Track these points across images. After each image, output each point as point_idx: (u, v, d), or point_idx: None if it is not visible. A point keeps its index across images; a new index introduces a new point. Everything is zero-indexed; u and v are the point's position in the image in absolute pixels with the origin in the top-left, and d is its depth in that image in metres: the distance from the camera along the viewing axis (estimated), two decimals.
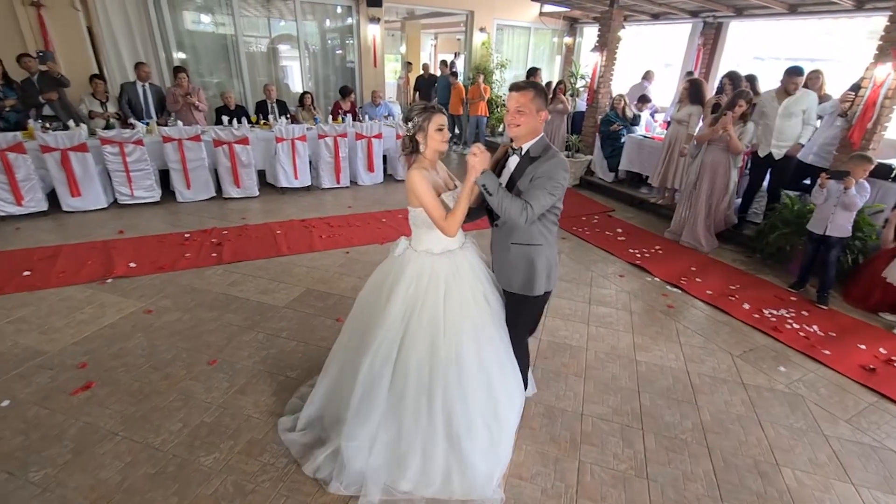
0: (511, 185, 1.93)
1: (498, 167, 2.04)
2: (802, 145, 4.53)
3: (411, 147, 1.92)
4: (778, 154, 4.56)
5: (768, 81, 5.32)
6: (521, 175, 1.90)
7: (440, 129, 1.88)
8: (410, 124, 1.88)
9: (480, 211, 2.09)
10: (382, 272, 2.09)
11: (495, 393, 1.97)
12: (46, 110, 5.49)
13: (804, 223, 3.94)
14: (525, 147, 1.93)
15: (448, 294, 1.92)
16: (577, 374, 2.86)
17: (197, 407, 2.43)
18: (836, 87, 5.12)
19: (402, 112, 10.34)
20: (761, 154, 4.66)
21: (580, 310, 3.60)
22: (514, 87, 1.86)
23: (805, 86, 4.56)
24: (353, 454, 1.91)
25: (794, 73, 4.31)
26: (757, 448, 2.36)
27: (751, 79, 5.25)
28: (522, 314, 2.15)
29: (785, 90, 4.39)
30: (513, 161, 1.97)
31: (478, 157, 1.77)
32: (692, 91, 5.35)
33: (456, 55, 11.98)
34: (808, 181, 4.81)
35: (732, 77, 5.15)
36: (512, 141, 1.98)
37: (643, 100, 7.18)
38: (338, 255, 4.36)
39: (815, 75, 4.78)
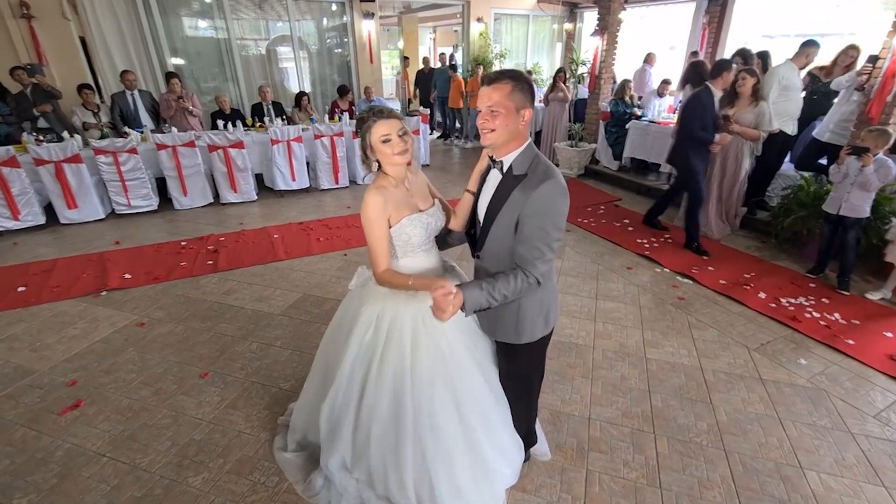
0: (493, 210, 1.50)
1: (481, 180, 1.63)
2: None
3: (365, 160, 1.58)
4: (790, 129, 4.42)
5: (780, 59, 5.08)
6: (504, 202, 1.45)
7: (385, 141, 1.50)
8: (359, 136, 1.56)
9: (460, 237, 1.77)
10: (346, 303, 1.84)
11: (484, 454, 1.70)
12: (41, 123, 5.46)
13: (821, 205, 3.73)
14: (507, 161, 1.47)
15: (416, 347, 1.58)
16: (584, 375, 2.72)
17: (187, 423, 2.34)
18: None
19: (402, 108, 10.24)
20: (790, 132, 4.48)
21: (586, 306, 3.45)
22: (486, 80, 1.40)
23: (834, 62, 4.56)
24: (344, 483, 1.79)
25: (810, 45, 4.27)
26: (778, 450, 2.20)
27: (763, 56, 4.98)
28: (514, 365, 1.74)
29: (802, 64, 4.31)
30: (494, 177, 1.53)
31: (448, 309, 1.30)
32: (694, 73, 5.13)
33: (455, 48, 11.78)
34: (824, 161, 4.58)
35: (744, 55, 4.89)
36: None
37: (665, 83, 6.84)
38: (336, 257, 4.26)
39: (852, 52, 4.46)
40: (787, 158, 4.87)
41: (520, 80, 1.39)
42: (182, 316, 3.31)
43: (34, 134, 5.01)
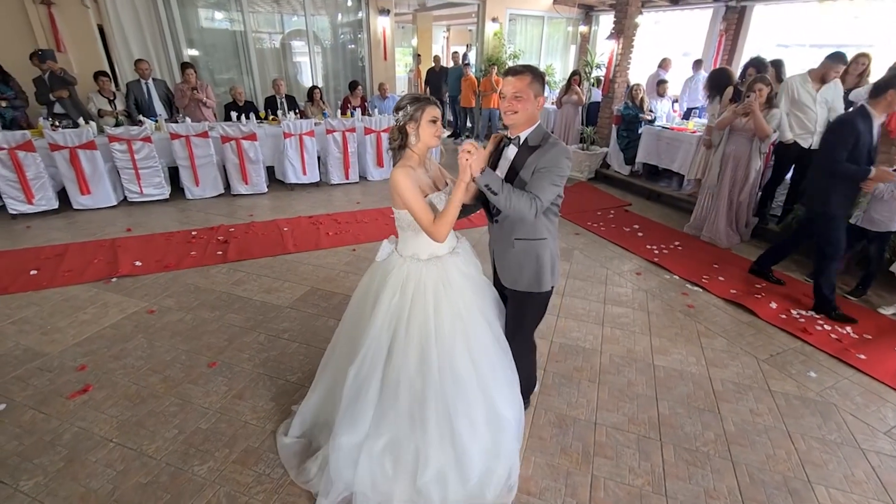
0: (512, 177, 1.82)
1: (492, 159, 1.93)
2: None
3: (400, 140, 1.76)
4: (806, 143, 4.29)
5: (793, 69, 5.03)
6: (523, 166, 1.79)
7: (433, 122, 1.72)
8: (401, 114, 1.71)
9: (474, 206, 1.97)
10: (369, 276, 1.97)
11: (493, 400, 1.84)
12: (58, 108, 5.50)
13: None
14: (523, 136, 1.82)
15: (437, 308, 1.77)
16: (591, 379, 2.70)
17: (193, 412, 2.36)
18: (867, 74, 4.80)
19: None
20: (805, 145, 4.33)
21: (594, 310, 3.43)
22: (510, 72, 1.75)
23: (846, 71, 4.32)
24: (341, 466, 1.81)
25: (837, 59, 4.02)
26: (786, 463, 2.18)
27: (776, 64, 4.95)
28: (529, 312, 2.05)
29: (822, 77, 4.09)
30: (511, 151, 1.86)
31: (472, 157, 1.61)
32: (717, 82, 5.10)
33: (468, 47, 11.76)
34: None
35: (757, 64, 4.85)
36: (507, 128, 1.87)
37: (663, 83, 6.83)
38: (344, 252, 4.26)
39: (862, 59, 4.39)
40: (790, 174, 4.72)
41: (537, 73, 1.75)
42: (191, 305, 3.33)
43: (50, 119, 5.06)
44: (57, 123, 4.96)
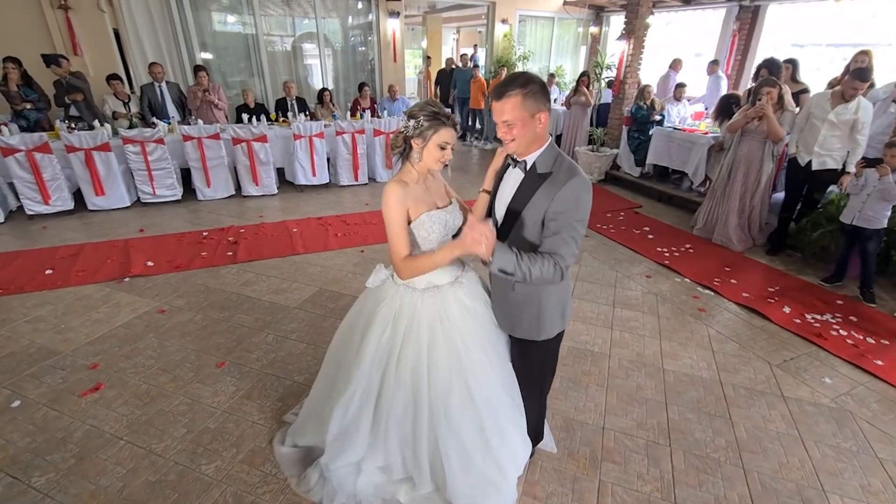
0: (516, 207, 1.52)
1: (497, 178, 1.67)
2: (847, 173, 3.73)
3: (402, 148, 1.57)
4: (816, 165, 3.97)
5: (809, 69, 4.94)
6: (530, 199, 1.47)
7: (443, 147, 1.51)
8: (412, 123, 1.51)
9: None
10: (361, 303, 1.82)
11: (494, 454, 1.69)
12: (73, 111, 5.61)
13: None
14: (530, 160, 1.51)
15: (433, 346, 1.59)
16: (599, 383, 2.67)
17: (202, 411, 2.38)
18: (885, 73, 4.70)
19: None
20: (801, 162, 4.06)
21: (603, 313, 3.40)
22: (495, 94, 1.41)
23: (846, 70, 4.15)
24: (342, 479, 1.79)
25: (857, 77, 3.63)
26: (800, 471, 2.13)
27: (792, 63, 4.84)
28: (533, 361, 1.77)
29: (842, 94, 3.77)
30: (514, 175, 1.56)
31: (483, 241, 1.31)
32: (726, 107, 5.07)
33: (475, 47, 11.73)
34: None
35: (770, 65, 4.75)
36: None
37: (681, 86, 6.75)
38: (352, 253, 4.28)
39: (861, 57, 4.25)
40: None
41: (528, 86, 1.39)
42: (201, 305, 3.36)
43: (66, 122, 5.16)
44: (73, 126, 5.06)
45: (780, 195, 5.12)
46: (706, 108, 7.09)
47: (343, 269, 3.97)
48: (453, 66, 9.51)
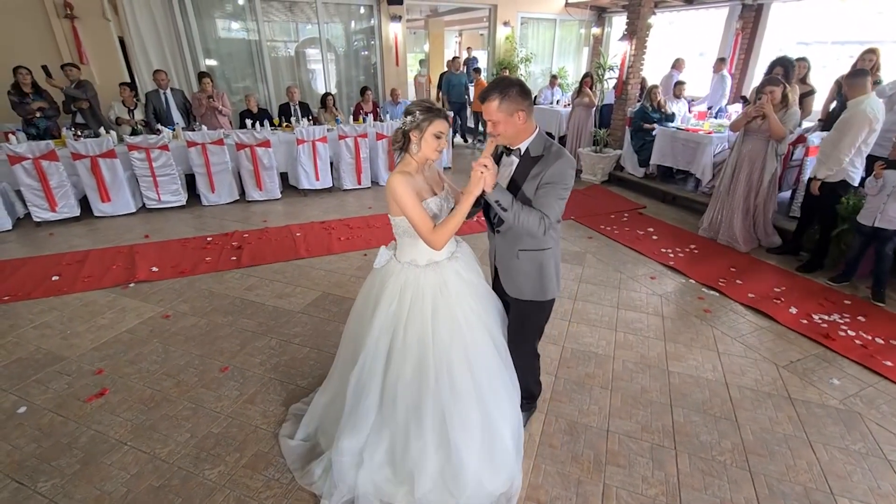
0: (514, 188, 1.78)
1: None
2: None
3: (402, 143, 1.74)
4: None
5: (816, 67, 4.90)
6: (526, 178, 1.75)
7: (438, 137, 1.69)
8: (408, 119, 1.68)
9: (473, 212, 1.92)
10: (369, 283, 1.97)
11: (490, 414, 1.81)
12: (79, 118, 5.67)
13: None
14: (523, 147, 1.78)
15: (436, 315, 1.75)
16: (603, 385, 2.66)
17: (206, 416, 2.38)
18: (891, 70, 4.64)
19: None
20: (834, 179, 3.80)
21: (607, 315, 3.38)
22: (481, 97, 1.71)
23: (855, 65, 4.08)
24: (344, 470, 1.83)
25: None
26: (807, 474, 2.10)
27: (805, 62, 4.82)
28: (532, 321, 2.03)
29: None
30: (511, 161, 1.83)
31: (487, 172, 1.58)
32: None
33: (469, 50, 11.63)
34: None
35: (784, 63, 4.71)
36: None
37: (680, 84, 6.72)
38: (356, 257, 4.29)
39: (869, 56, 4.26)
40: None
41: (505, 91, 1.66)
42: (205, 310, 3.38)
43: (73, 129, 5.22)
44: (79, 133, 5.11)
45: (786, 195, 5.10)
46: (709, 108, 7.08)
47: (346, 272, 3.97)
48: (443, 72, 9.26)
